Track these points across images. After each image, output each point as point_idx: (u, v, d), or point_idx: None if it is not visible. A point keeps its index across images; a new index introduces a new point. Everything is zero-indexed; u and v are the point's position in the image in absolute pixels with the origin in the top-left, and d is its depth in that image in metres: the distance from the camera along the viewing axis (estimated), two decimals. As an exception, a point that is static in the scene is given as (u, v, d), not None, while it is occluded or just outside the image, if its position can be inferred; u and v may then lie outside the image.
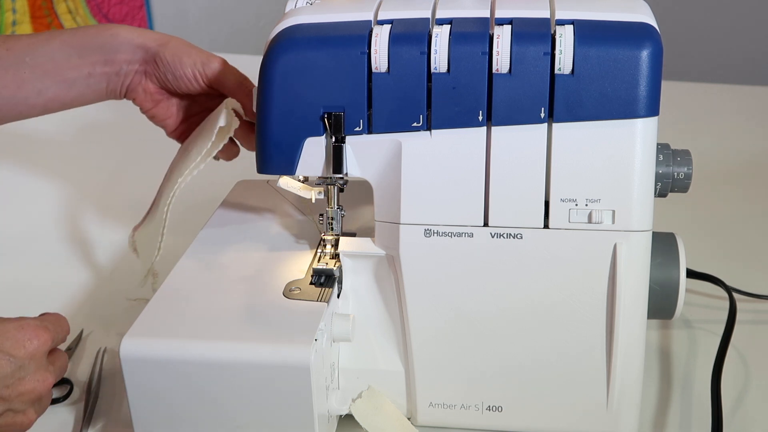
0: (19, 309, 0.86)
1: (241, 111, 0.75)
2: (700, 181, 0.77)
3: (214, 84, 0.77)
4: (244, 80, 0.77)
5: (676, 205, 0.88)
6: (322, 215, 0.70)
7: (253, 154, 0.66)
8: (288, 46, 0.63)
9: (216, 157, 0.78)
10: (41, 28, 1.99)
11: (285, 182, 0.69)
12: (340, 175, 0.65)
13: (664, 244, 0.71)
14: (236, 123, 0.73)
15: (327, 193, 0.68)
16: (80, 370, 0.77)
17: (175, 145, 0.83)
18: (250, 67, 0.75)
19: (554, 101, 0.60)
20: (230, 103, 0.75)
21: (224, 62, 0.77)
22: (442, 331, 0.66)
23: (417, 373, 0.68)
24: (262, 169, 0.66)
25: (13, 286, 0.91)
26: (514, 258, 0.63)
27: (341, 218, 0.70)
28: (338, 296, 0.68)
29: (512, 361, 0.66)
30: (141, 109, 0.80)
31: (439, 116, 0.62)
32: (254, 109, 0.65)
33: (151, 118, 0.81)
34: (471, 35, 0.61)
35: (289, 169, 0.65)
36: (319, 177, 0.67)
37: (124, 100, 0.81)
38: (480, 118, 0.61)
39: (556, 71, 0.60)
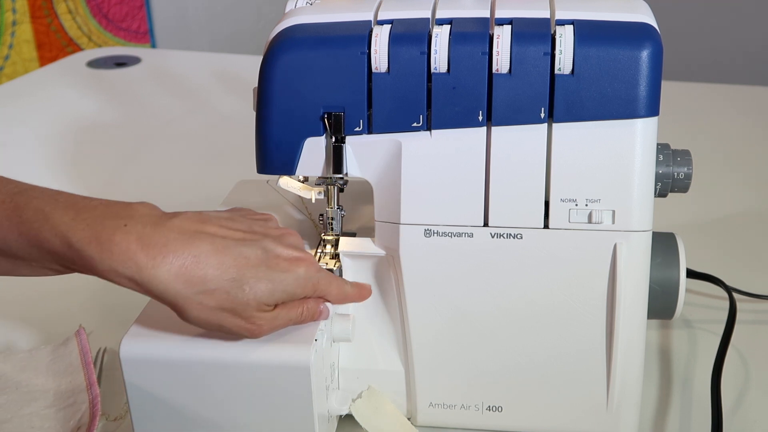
0: (18, 309, 0.86)
1: None
2: (700, 181, 0.77)
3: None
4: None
5: (676, 205, 0.88)
6: (322, 215, 0.70)
7: (253, 154, 0.66)
8: (288, 46, 0.63)
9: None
10: (41, 28, 1.99)
11: (285, 182, 0.69)
12: (340, 175, 0.65)
13: (664, 244, 0.71)
14: None
15: (327, 193, 0.68)
16: (80, 370, 0.77)
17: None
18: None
19: (554, 101, 0.60)
20: None
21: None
22: (442, 331, 0.66)
23: (417, 373, 0.68)
24: (262, 169, 0.66)
25: (13, 286, 0.90)
26: (514, 258, 0.63)
27: (341, 218, 0.70)
28: (338, 296, 0.68)
29: (512, 361, 0.66)
30: None
31: (439, 116, 0.62)
32: (254, 110, 0.66)
33: None
34: (471, 35, 0.61)
35: (289, 169, 0.65)
36: (319, 177, 0.67)
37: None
38: (480, 118, 0.61)
39: (556, 71, 0.60)
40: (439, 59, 0.61)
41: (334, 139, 0.64)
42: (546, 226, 0.63)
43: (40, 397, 0.68)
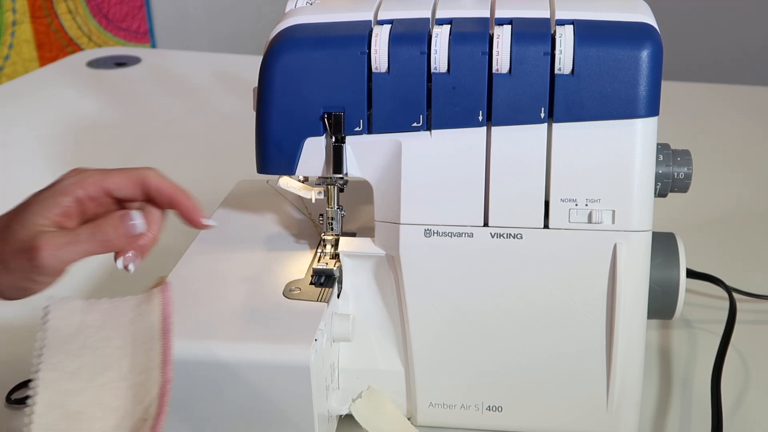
0: (19, 309, 0.86)
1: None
2: (700, 181, 0.77)
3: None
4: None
5: (676, 205, 0.88)
6: (322, 215, 0.70)
7: (253, 154, 0.67)
8: (288, 46, 0.63)
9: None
10: (41, 28, 1.99)
11: (285, 182, 0.69)
12: (340, 175, 0.65)
13: (664, 244, 0.71)
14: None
15: (327, 193, 0.68)
16: (80, 370, 0.77)
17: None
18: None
19: (554, 101, 0.60)
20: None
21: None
22: (442, 331, 0.66)
23: (417, 373, 0.68)
24: (262, 169, 0.66)
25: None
26: (514, 258, 0.63)
27: (341, 218, 0.70)
28: (338, 296, 0.68)
29: (512, 360, 0.66)
30: None
31: (439, 116, 0.62)
32: (253, 109, 0.66)
33: None
34: (471, 35, 0.61)
35: (289, 169, 0.65)
36: (319, 177, 0.67)
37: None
38: (480, 118, 0.61)
39: (556, 71, 0.60)
40: (439, 59, 0.61)
41: (334, 139, 0.64)
42: (546, 226, 0.63)
43: (114, 364, 0.61)
